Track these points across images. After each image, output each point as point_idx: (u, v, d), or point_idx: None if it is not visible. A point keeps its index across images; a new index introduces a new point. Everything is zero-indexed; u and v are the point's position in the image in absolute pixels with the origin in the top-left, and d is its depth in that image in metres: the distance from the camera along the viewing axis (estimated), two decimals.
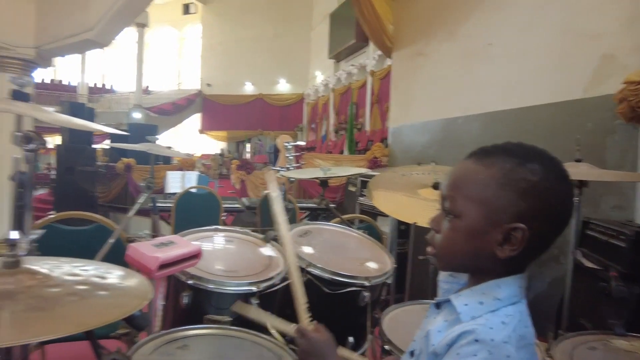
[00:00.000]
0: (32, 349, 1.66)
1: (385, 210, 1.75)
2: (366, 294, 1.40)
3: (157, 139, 1.73)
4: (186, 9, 23.82)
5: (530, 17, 3.41)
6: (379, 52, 11.36)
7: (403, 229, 3.53)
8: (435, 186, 1.74)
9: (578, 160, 1.64)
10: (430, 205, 1.69)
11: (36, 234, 0.72)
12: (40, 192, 10.96)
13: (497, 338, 0.62)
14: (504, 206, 0.65)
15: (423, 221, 1.62)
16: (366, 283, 1.40)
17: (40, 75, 20.40)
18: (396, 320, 1.49)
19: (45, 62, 5.34)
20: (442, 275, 0.85)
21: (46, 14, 4.97)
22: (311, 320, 1.01)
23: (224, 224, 4.35)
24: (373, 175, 2.13)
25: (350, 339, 1.45)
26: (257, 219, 4.17)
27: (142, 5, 5.02)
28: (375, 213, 4.12)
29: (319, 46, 17.19)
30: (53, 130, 16.11)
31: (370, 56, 12.51)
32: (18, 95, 1.00)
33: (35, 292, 0.64)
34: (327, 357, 0.88)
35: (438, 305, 0.77)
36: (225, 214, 4.21)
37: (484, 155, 0.70)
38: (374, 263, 1.56)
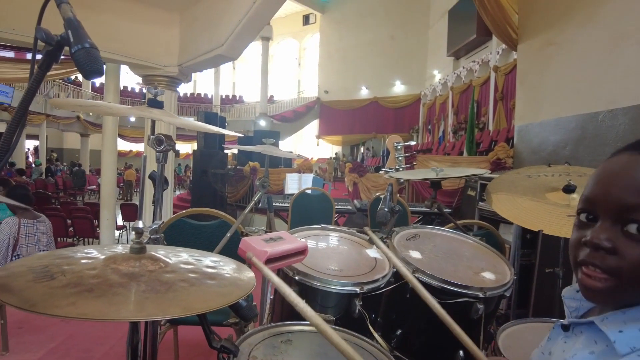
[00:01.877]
0: (166, 328, 1.89)
1: (506, 216, 1.58)
2: (480, 306, 1.28)
3: (273, 141, 1.83)
4: (306, 20, 25.06)
5: None
6: (503, 46, 10.53)
7: (529, 238, 3.18)
8: (567, 189, 1.52)
9: None
10: (559, 211, 1.48)
11: (157, 224, 0.81)
12: (181, 192, 12.56)
13: None
14: None
15: (550, 229, 1.43)
16: (480, 294, 1.28)
17: (183, 89, 23.48)
18: (514, 338, 1.34)
19: (186, 78, 6.12)
20: (568, 291, 0.72)
21: (186, 36, 5.71)
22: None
23: (337, 224, 4.44)
24: (493, 178, 1.95)
25: (461, 353, 1.34)
26: (368, 220, 4.15)
27: (265, 20, 5.41)
28: (497, 220, 3.79)
29: (437, 44, 16.60)
30: (191, 137, 18.38)
31: (493, 50, 11.66)
32: (153, 103, 1.14)
33: (155, 276, 0.71)
34: None
35: (566, 328, 0.65)
36: (337, 215, 4.29)
37: None
38: (490, 273, 1.41)
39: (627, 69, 3.46)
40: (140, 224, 0.77)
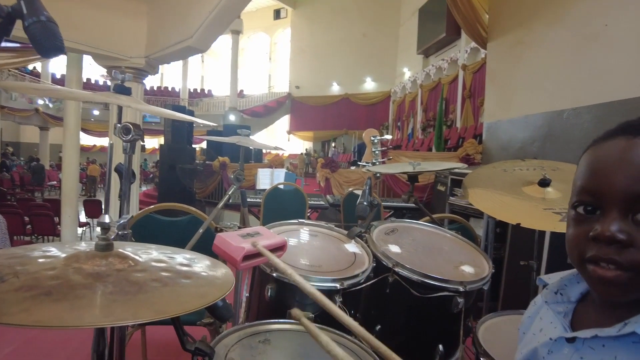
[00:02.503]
0: (134, 329, 1.79)
1: (484, 210, 1.58)
2: (460, 300, 1.27)
3: (248, 132, 1.76)
4: (277, 14, 24.81)
5: None
6: (472, 45, 10.76)
7: (499, 232, 3.25)
8: (542, 183, 1.53)
9: None
10: (535, 204, 1.49)
11: (125, 218, 0.74)
12: (147, 188, 12.20)
13: None
14: None
15: (528, 222, 1.43)
16: (461, 288, 1.27)
17: (149, 82, 22.76)
18: (493, 331, 1.34)
19: (153, 70, 5.90)
20: (548, 296, 0.64)
21: (154, 27, 5.49)
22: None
23: (309, 219, 4.39)
24: (467, 173, 1.96)
25: (440, 347, 1.32)
26: (341, 216, 4.14)
27: (235, 12, 5.29)
28: (467, 214, 3.85)
29: (407, 42, 16.81)
30: (158, 132, 17.88)
31: (461, 49, 11.90)
32: (120, 89, 1.06)
33: (123, 276, 0.64)
34: None
35: (571, 339, 0.56)
36: (309, 210, 4.25)
37: None
38: (469, 267, 1.41)
39: (591, 69, 3.58)
40: (106, 219, 0.69)
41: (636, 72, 3.10)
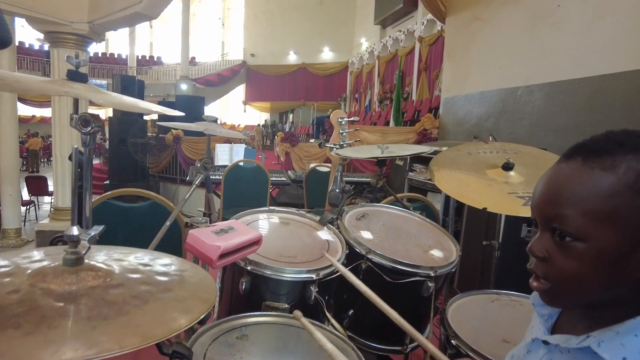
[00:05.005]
0: None
1: (450, 193, 1.61)
2: (431, 284, 1.31)
3: (215, 118, 1.67)
4: None
5: None
6: (428, 17, 10.81)
7: (456, 207, 3.37)
8: (506, 167, 1.58)
9: None
10: (500, 188, 1.54)
11: (96, 230, 0.68)
12: (95, 162, 11.57)
13: None
14: None
15: (494, 206, 1.48)
16: (432, 273, 1.30)
17: (93, 48, 21.13)
18: (461, 312, 1.39)
19: (99, 37, 5.46)
20: (536, 298, 0.67)
21: None
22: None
23: (270, 196, 4.34)
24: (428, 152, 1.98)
25: None
26: (303, 192, 4.13)
27: None
28: (425, 189, 3.96)
29: (365, 12, 16.61)
30: None
31: (418, 21, 11.92)
32: (75, 76, 0.95)
33: (99, 294, 0.59)
34: None
35: (546, 342, 0.60)
36: (271, 187, 4.20)
37: (596, 155, 0.53)
38: (438, 251, 1.45)
39: (542, 47, 3.71)
40: (75, 231, 0.63)
41: (583, 53, 3.25)
